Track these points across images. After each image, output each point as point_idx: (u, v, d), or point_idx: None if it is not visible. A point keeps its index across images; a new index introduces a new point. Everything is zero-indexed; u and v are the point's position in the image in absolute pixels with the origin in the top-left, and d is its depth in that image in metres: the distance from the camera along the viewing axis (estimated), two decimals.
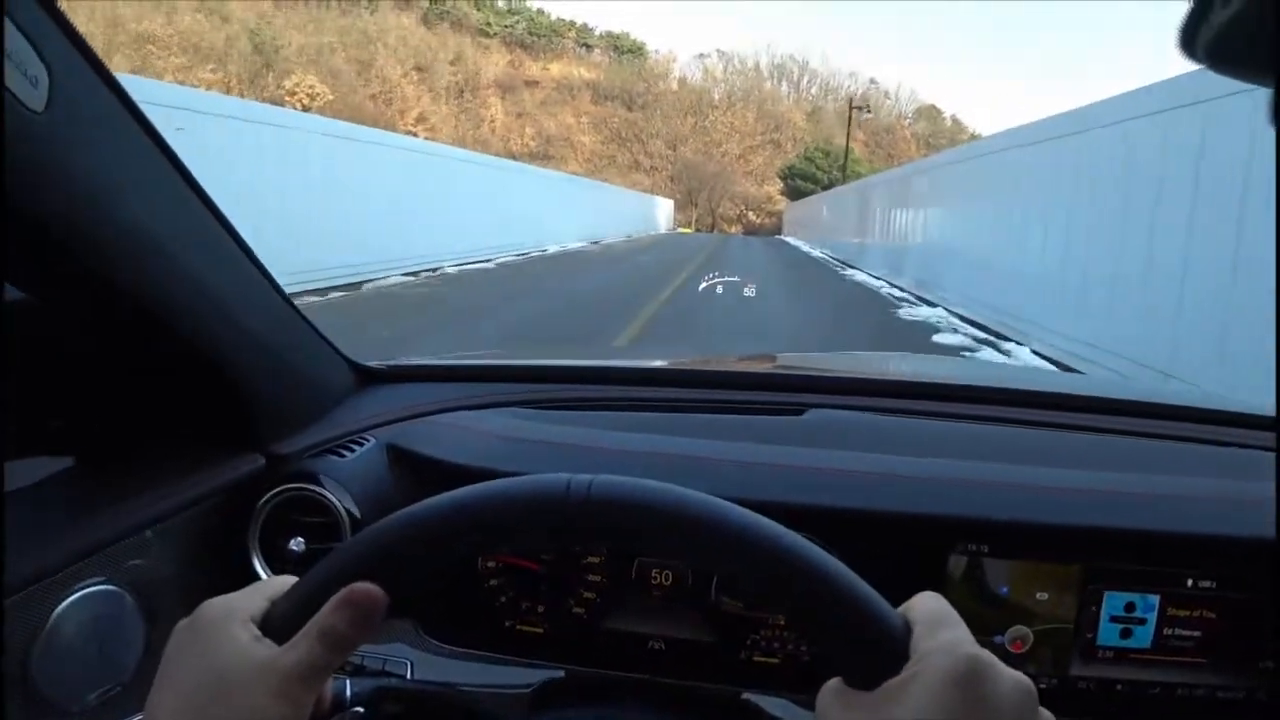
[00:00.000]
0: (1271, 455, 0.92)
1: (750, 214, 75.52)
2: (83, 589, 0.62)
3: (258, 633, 0.42)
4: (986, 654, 0.38)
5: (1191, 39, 0.29)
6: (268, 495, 0.79)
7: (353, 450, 0.85)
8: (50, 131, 0.50)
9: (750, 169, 79.16)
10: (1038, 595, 0.77)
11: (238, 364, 0.74)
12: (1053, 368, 7.76)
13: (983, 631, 0.76)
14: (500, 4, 76.86)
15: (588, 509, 0.41)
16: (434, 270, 15.07)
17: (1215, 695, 0.77)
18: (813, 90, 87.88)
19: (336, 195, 12.31)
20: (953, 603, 0.74)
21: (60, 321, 0.63)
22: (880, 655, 0.38)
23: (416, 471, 0.86)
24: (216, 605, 0.43)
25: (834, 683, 0.40)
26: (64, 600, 0.60)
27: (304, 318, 0.84)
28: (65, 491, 0.68)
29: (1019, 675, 0.38)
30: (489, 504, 0.43)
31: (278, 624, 0.43)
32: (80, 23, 0.52)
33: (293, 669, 0.41)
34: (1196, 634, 0.77)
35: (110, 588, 0.64)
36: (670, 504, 0.41)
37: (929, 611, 0.41)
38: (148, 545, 0.69)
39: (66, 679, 0.60)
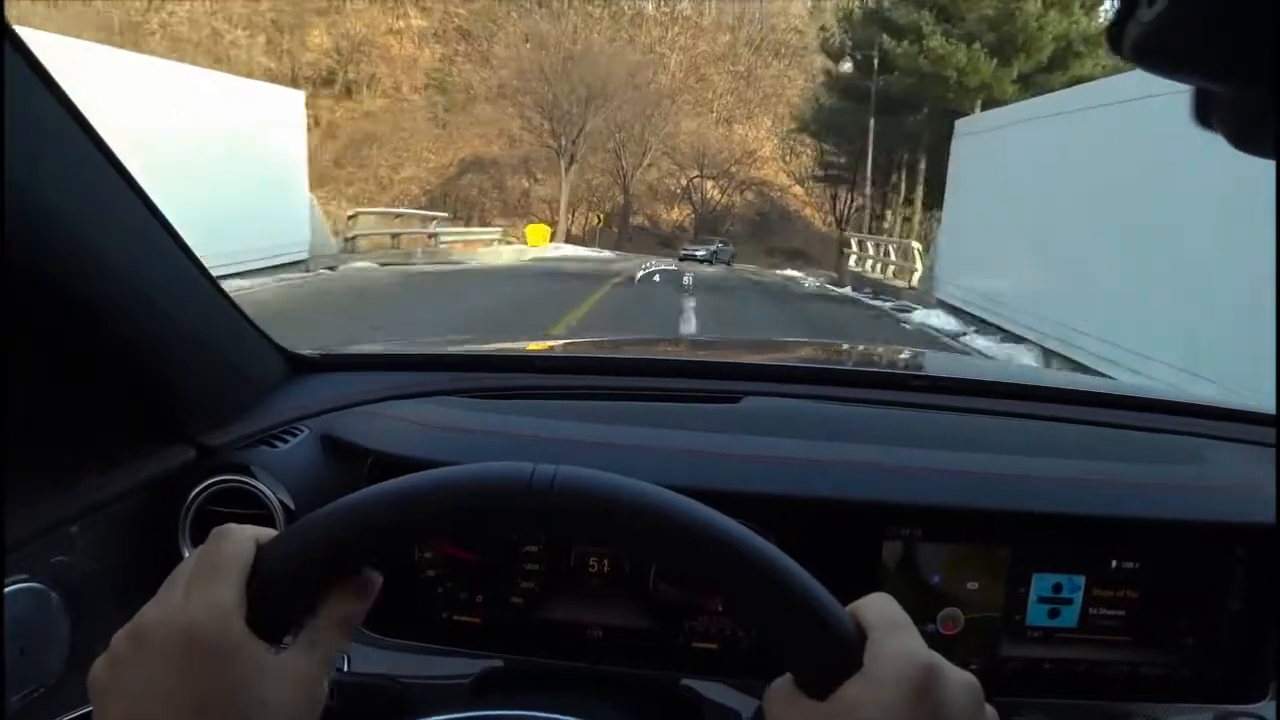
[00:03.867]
0: (1220, 442, 0.95)
1: (712, 188, 43.31)
2: (5, 587, 0.60)
3: (265, 645, 0.40)
4: (938, 659, 0.39)
5: (1118, 36, 0.29)
6: (199, 488, 0.77)
7: (286, 441, 0.84)
8: None
9: (709, 96, 45.15)
10: (969, 578, 0.79)
11: (166, 353, 0.72)
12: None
13: (916, 617, 0.74)
14: None
15: (551, 499, 0.41)
16: None
17: (1139, 671, 0.80)
18: None
19: None
20: (887, 588, 0.75)
21: None
22: (833, 659, 0.39)
23: (352, 462, 0.85)
24: (204, 622, 0.39)
25: (784, 684, 0.41)
26: None
27: (234, 304, 0.82)
28: None
29: (967, 676, 0.39)
30: (449, 488, 0.42)
31: (270, 616, 0.41)
32: None
33: (315, 672, 0.41)
34: (1120, 613, 0.80)
35: (34, 585, 0.62)
36: (632, 498, 0.41)
37: (881, 615, 0.41)
38: (74, 540, 0.67)
39: None
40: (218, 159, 11.73)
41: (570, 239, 37.20)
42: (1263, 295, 4.20)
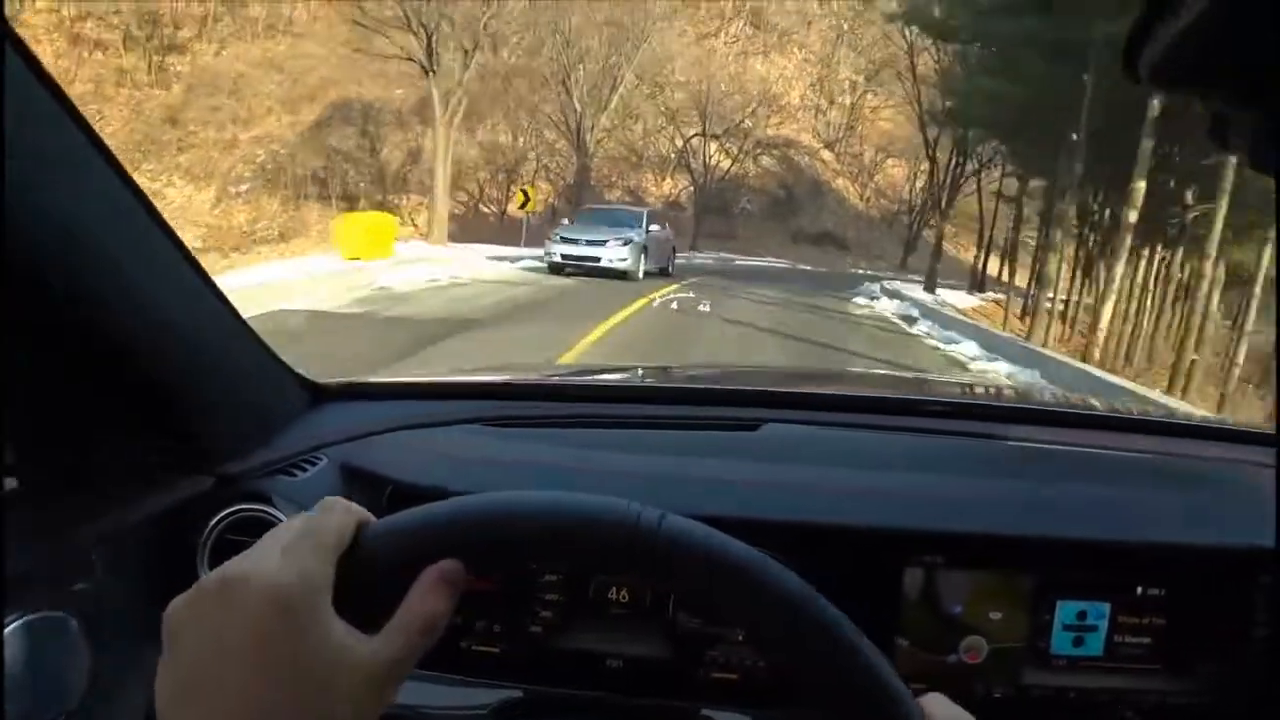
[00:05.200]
0: (1244, 468, 0.94)
1: (717, 150, 29.72)
2: (26, 615, 0.60)
3: (347, 626, 0.39)
4: None
5: (1134, 59, 0.29)
6: (218, 516, 0.78)
7: (305, 470, 0.85)
8: None
9: (716, 23, 33.22)
10: (992, 605, 0.78)
11: (186, 383, 0.73)
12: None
13: (939, 648, 0.78)
14: None
15: (654, 545, 0.41)
16: None
17: (1164, 700, 0.79)
18: None
19: None
20: (909, 618, 0.78)
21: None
22: None
23: (371, 491, 0.85)
24: (293, 586, 0.38)
25: None
26: (5, 627, 0.59)
27: (254, 334, 0.83)
28: (8, 515, 0.66)
29: None
30: (558, 513, 0.42)
31: (356, 600, 0.40)
32: None
33: (393, 665, 0.40)
34: (1146, 641, 0.79)
35: (54, 613, 0.63)
36: (735, 561, 0.41)
37: (950, 717, 0.42)
38: (94, 568, 0.68)
39: (7, 711, 0.58)
40: None
41: (476, 228, 22.88)
42: None
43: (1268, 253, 12.45)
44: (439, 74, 19.09)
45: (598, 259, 13.84)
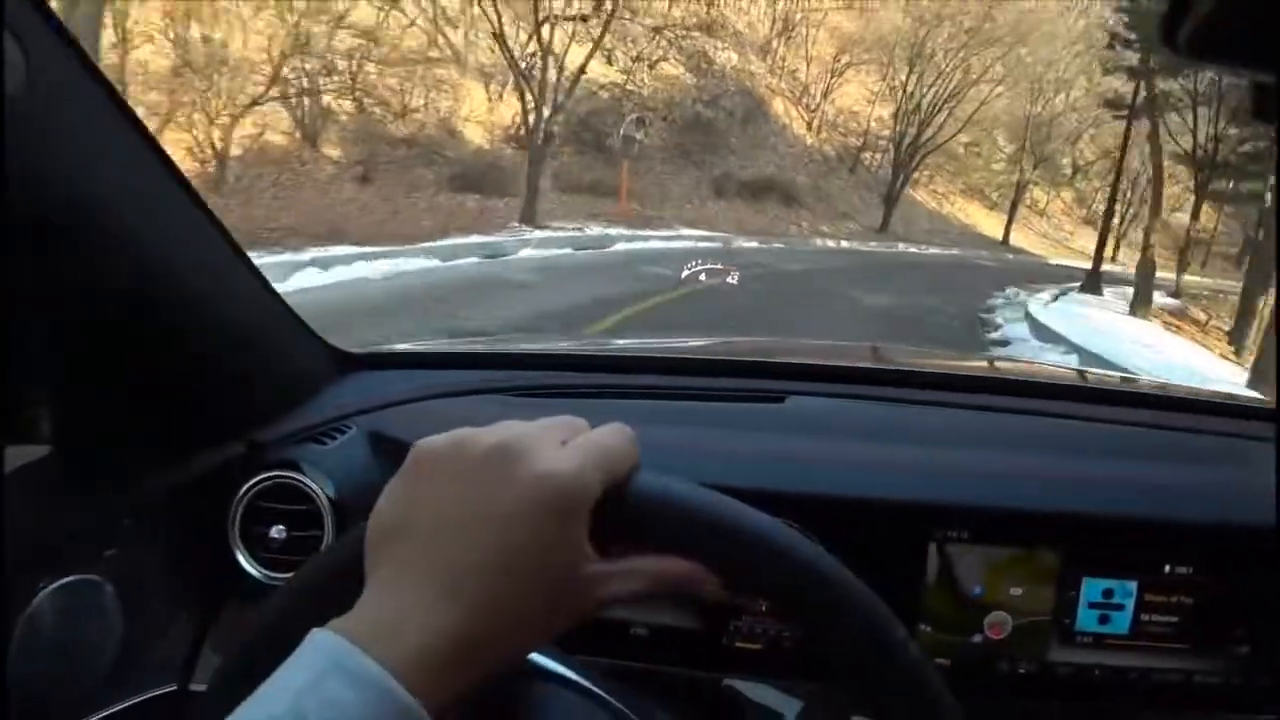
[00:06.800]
0: (1269, 445, 0.94)
1: (577, 44, 12.54)
2: (60, 579, 0.62)
3: (592, 550, 0.39)
4: None
5: (1172, 33, 0.28)
6: (248, 483, 0.79)
7: (334, 438, 0.86)
8: (28, 114, 0.50)
9: None
10: (1017, 581, 0.78)
11: (216, 351, 0.74)
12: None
13: (963, 623, 0.78)
14: None
15: (895, 672, 0.40)
16: None
17: (1192, 679, 0.79)
18: None
19: None
20: (933, 592, 0.77)
21: (34, 311, 0.63)
22: None
23: (399, 460, 0.83)
24: (576, 488, 0.38)
25: None
26: (40, 591, 0.60)
27: (283, 303, 0.84)
28: (42, 480, 0.68)
29: None
30: (817, 572, 0.40)
31: (599, 526, 0.39)
32: None
33: (602, 600, 0.40)
34: (1173, 619, 0.79)
35: (88, 577, 0.64)
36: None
37: None
38: (127, 534, 0.69)
39: (43, 672, 0.60)
40: None
41: None
42: None
43: None
44: None
45: None
